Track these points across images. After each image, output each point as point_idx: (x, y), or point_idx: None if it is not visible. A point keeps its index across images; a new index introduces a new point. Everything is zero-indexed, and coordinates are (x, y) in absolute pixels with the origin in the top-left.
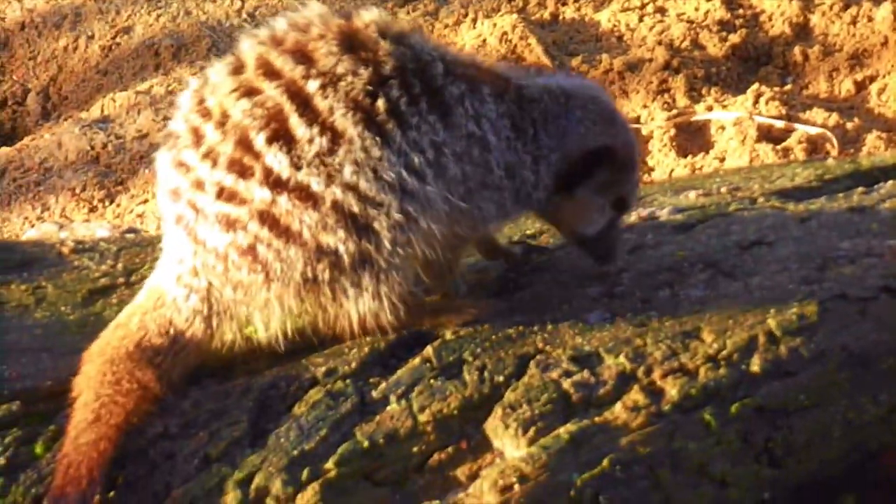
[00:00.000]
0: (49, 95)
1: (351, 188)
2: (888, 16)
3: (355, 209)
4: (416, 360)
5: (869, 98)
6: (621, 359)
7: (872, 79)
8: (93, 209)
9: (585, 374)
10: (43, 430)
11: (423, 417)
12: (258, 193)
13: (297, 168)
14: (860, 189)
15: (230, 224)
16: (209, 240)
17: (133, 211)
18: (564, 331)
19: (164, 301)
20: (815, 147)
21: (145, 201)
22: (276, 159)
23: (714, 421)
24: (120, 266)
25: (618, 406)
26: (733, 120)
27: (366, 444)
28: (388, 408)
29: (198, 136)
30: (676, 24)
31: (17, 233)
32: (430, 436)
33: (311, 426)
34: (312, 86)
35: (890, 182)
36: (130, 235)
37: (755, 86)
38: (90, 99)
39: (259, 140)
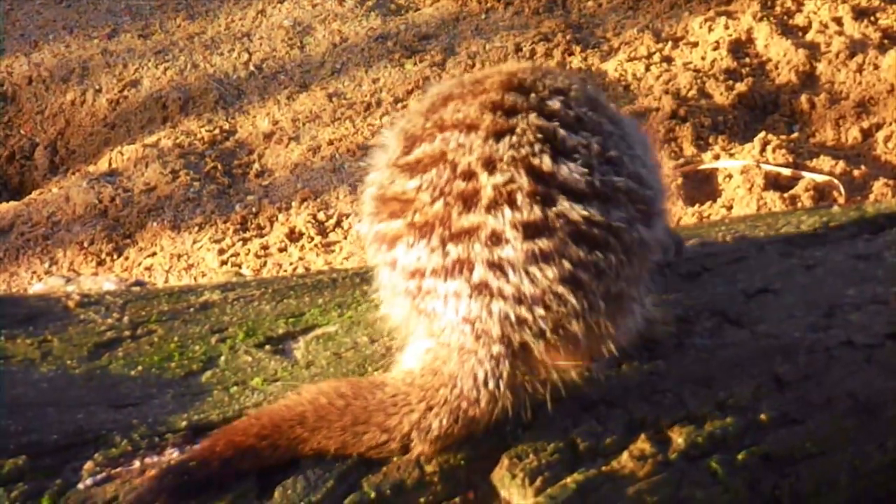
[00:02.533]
0: (57, 149)
1: (633, 176)
2: (894, 63)
3: (642, 198)
4: None
5: (875, 145)
6: (628, 407)
7: (879, 126)
8: (101, 262)
9: (592, 423)
10: (49, 485)
11: (429, 468)
12: (569, 212)
13: (592, 170)
14: (865, 236)
15: (547, 258)
16: (524, 288)
17: (141, 264)
18: (570, 379)
19: (459, 389)
20: (821, 194)
21: (153, 254)
22: (572, 171)
23: (721, 469)
24: (126, 319)
25: (624, 455)
26: (740, 168)
27: (373, 494)
28: (395, 458)
29: (468, 198)
30: (683, 73)
31: (25, 287)
32: (436, 486)
33: (317, 478)
34: (554, 103)
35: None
36: (136, 288)
37: (762, 134)
38: (98, 152)
39: (546, 161)
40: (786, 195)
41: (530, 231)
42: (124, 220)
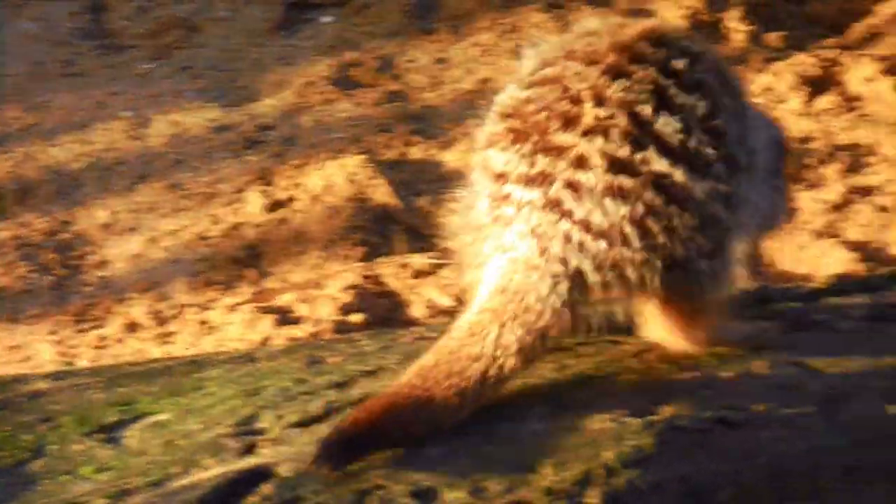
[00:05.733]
0: None
1: (729, 156)
2: None
3: (732, 179)
4: (255, 498)
5: None
6: (460, 493)
7: None
8: None
9: None
10: None
11: None
12: (655, 161)
13: (689, 132)
14: None
15: (624, 195)
16: (593, 217)
17: None
18: (404, 466)
19: (526, 302)
20: None
21: None
22: (670, 125)
23: None
24: None
25: None
26: None
27: None
28: None
29: (570, 119)
30: None
31: None
32: None
33: None
34: (680, 62)
35: None
36: None
37: None
38: None
39: (648, 110)
40: None
41: (616, 166)
42: None
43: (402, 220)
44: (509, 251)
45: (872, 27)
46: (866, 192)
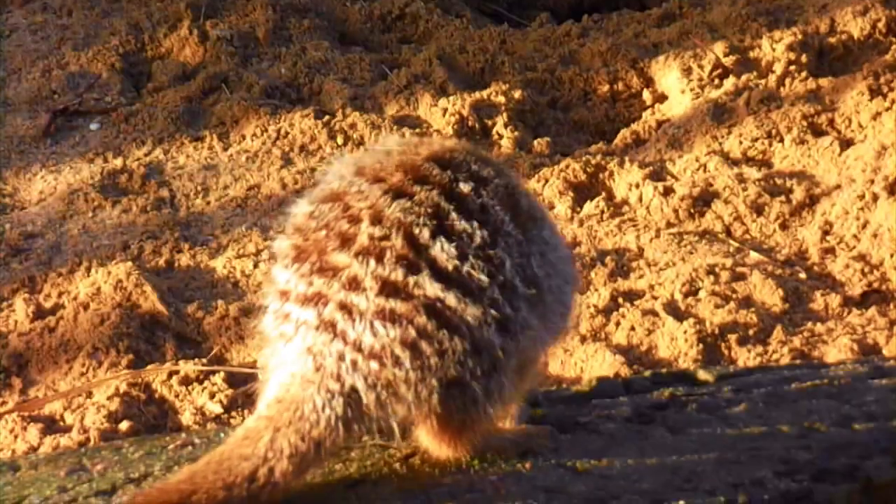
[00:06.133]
0: None
1: (505, 284)
2: None
3: (509, 306)
4: None
5: None
6: None
7: None
8: None
9: None
10: None
11: None
12: (427, 286)
13: (464, 259)
14: None
15: (395, 319)
16: (365, 338)
17: None
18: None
19: (301, 411)
20: None
21: None
22: (444, 251)
23: None
24: None
25: None
26: None
27: None
28: None
29: (346, 239)
30: None
31: None
32: None
33: None
34: (465, 187)
35: None
36: None
37: None
38: None
39: (425, 234)
40: None
41: (387, 289)
42: None
43: (171, 326)
44: (289, 365)
45: (637, 133)
46: (632, 296)
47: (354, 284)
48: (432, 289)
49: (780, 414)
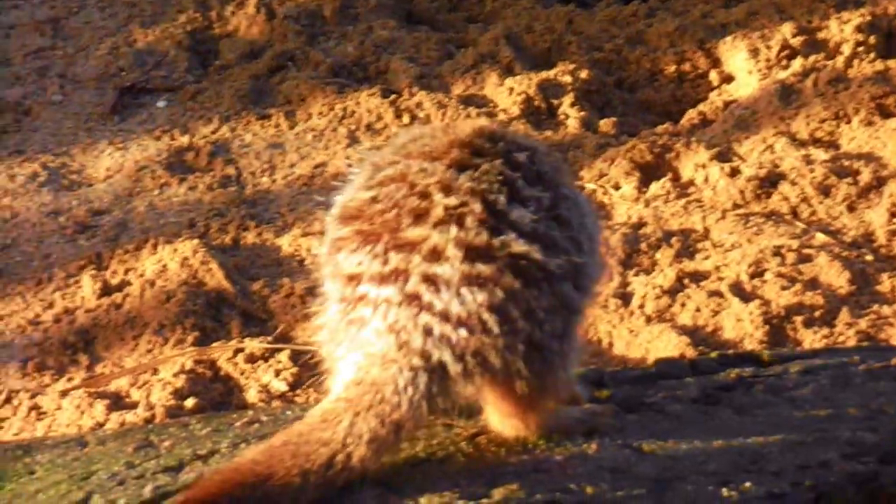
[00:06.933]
0: None
1: (573, 239)
2: None
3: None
4: None
5: None
6: None
7: None
8: None
9: None
10: None
11: None
12: (513, 244)
13: (536, 221)
14: None
15: (481, 283)
16: (452, 307)
17: None
18: None
19: (382, 394)
20: None
21: None
22: (520, 214)
23: None
24: None
25: None
26: None
27: None
28: None
29: (420, 213)
30: None
31: None
32: None
33: None
34: (521, 156)
35: None
36: None
37: None
38: None
39: (501, 200)
40: None
41: (472, 254)
42: None
43: (237, 304)
44: (366, 347)
45: (703, 114)
46: (698, 277)
47: (436, 255)
48: (518, 245)
49: (847, 396)
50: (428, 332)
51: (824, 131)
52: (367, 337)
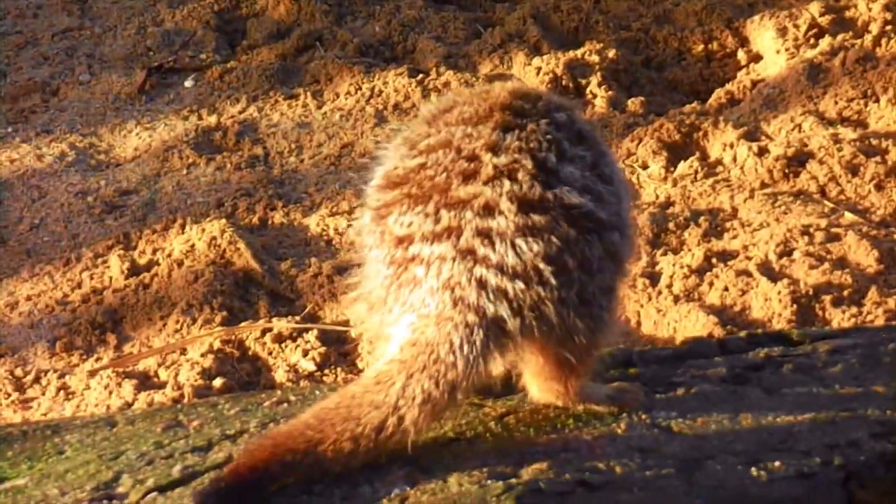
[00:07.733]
0: None
1: (615, 194)
2: None
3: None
4: None
5: None
6: None
7: None
8: None
9: None
10: None
11: None
12: (566, 195)
13: (584, 177)
14: None
15: (536, 233)
16: (508, 258)
17: None
18: None
19: (436, 354)
20: None
21: None
22: (570, 171)
23: None
24: None
25: None
26: None
27: None
28: None
29: (469, 174)
30: None
31: None
32: None
33: None
34: (561, 116)
35: None
36: None
37: None
38: None
39: (551, 158)
40: None
41: (525, 206)
42: None
43: (264, 284)
44: (420, 308)
45: (731, 93)
46: (726, 256)
47: (489, 209)
48: (573, 198)
49: (876, 375)
50: (483, 285)
51: (852, 110)
52: (421, 296)
